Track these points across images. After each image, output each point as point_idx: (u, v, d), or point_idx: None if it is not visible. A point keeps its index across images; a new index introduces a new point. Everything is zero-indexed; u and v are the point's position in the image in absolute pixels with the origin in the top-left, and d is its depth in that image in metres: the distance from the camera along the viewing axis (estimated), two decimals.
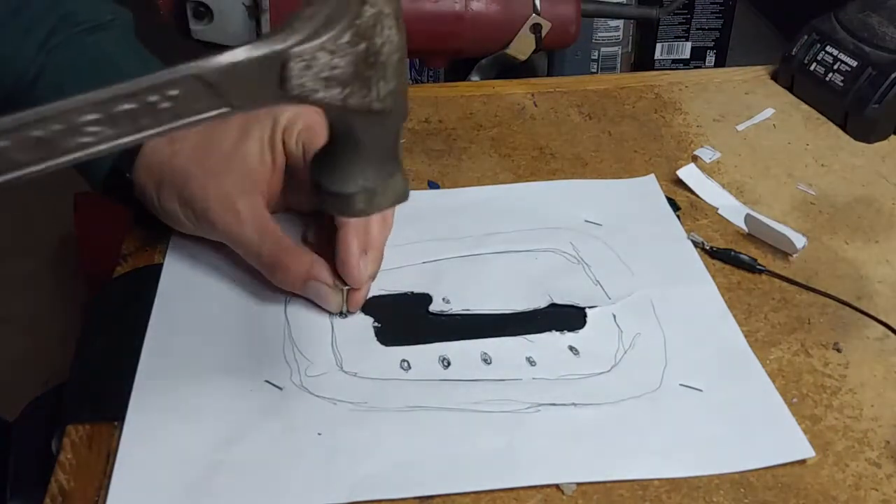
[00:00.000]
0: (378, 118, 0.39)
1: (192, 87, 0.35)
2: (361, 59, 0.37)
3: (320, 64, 0.36)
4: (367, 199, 0.43)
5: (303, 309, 0.57)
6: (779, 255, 0.63)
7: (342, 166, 0.42)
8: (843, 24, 0.79)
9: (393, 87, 0.39)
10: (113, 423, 0.50)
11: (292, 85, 0.36)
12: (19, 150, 0.32)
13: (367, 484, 0.46)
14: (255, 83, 0.36)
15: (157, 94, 0.34)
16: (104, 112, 0.34)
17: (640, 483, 0.47)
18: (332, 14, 0.36)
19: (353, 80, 0.37)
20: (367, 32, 0.37)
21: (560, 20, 0.80)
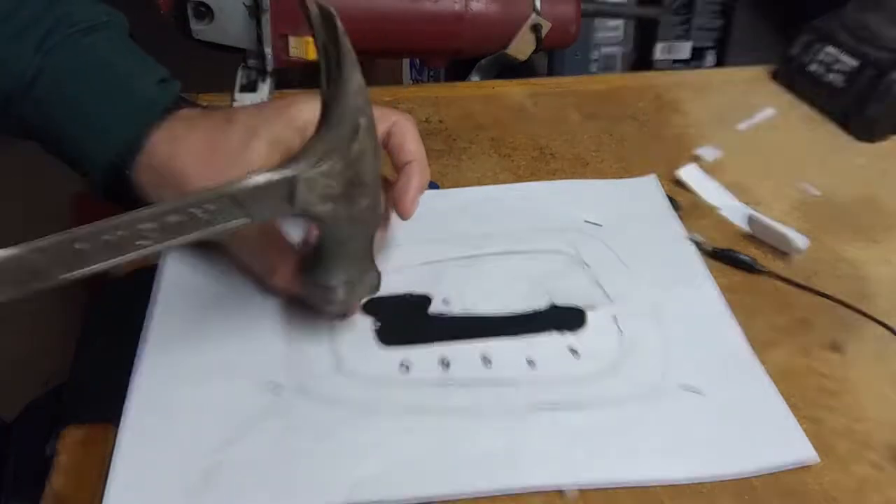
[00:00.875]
0: (358, 225, 0.50)
1: (225, 203, 0.44)
2: (349, 182, 0.47)
3: (320, 186, 0.47)
4: (349, 289, 0.52)
5: (302, 309, 0.56)
6: (779, 256, 0.63)
7: (329, 265, 0.51)
8: (844, 24, 0.79)
9: (370, 203, 0.49)
10: (110, 425, 0.50)
11: (298, 200, 0.46)
12: (94, 251, 0.41)
13: (366, 485, 0.46)
14: (272, 200, 0.46)
15: (199, 208, 0.43)
16: (158, 222, 0.42)
17: (643, 489, 0.47)
18: (329, 149, 0.46)
19: (342, 197, 0.48)
20: (354, 163, 0.47)
21: (560, 20, 0.79)
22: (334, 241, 0.50)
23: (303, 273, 0.53)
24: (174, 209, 0.43)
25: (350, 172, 0.47)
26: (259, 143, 0.55)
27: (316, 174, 0.46)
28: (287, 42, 0.71)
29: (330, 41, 0.45)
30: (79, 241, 0.40)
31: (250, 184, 0.44)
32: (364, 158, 0.47)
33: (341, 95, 0.46)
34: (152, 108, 0.57)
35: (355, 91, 0.46)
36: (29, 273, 0.40)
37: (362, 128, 0.47)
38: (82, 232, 0.40)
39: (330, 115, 0.47)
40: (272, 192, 0.45)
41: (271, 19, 0.70)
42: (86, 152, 0.58)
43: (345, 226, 0.49)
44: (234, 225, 0.45)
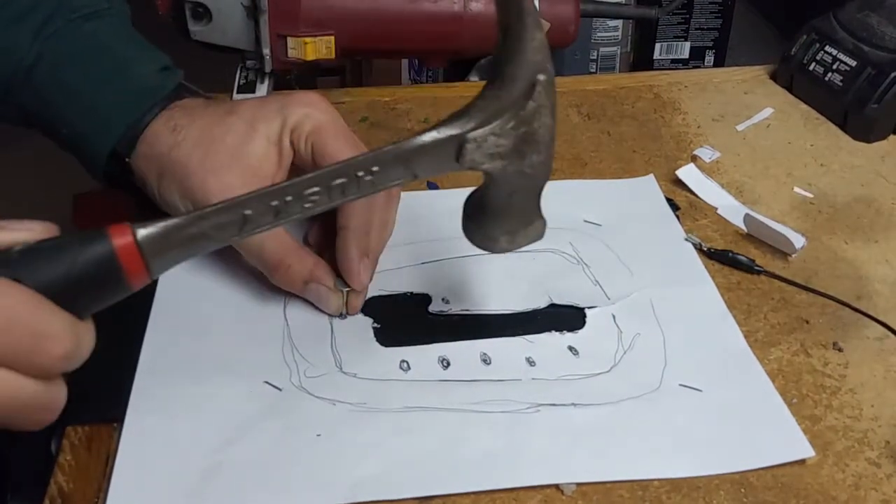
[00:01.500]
0: (527, 179, 0.48)
1: (391, 164, 0.44)
2: (521, 139, 0.46)
3: (489, 144, 0.45)
4: (510, 239, 0.50)
5: (302, 309, 0.57)
6: (778, 255, 0.63)
7: (493, 214, 0.50)
8: (843, 24, 0.79)
9: (543, 158, 0.47)
10: (112, 425, 0.50)
11: (466, 160, 0.45)
12: (259, 215, 0.42)
13: (366, 484, 0.46)
14: (438, 158, 0.45)
15: (364, 170, 0.43)
16: (324, 185, 0.43)
17: (640, 483, 0.47)
18: (502, 107, 0.45)
19: (512, 154, 0.46)
20: (528, 120, 0.45)
21: (559, 20, 0.80)
22: (501, 193, 0.48)
23: (465, 214, 0.51)
24: (339, 172, 0.43)
25: (523, 129, 0.45)
26: (257, 140, 0.55)
27: (485, 133, 0.45)
28: (285, 43, 0.71)
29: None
30: (247, 207, 0.41)
31: (416, 143, 0.44)
32: (540, 116, 0.46)
33: (520, 51, 0.44)
34: (153, 94, 0.57)
35: (535, 47, 0.44)
36: (195, 238, 0.41)
37: (540, 83, 0.45)
38: (250, 198, 0.41)
39: (504, 72, 0.45)
40: (438, 151, 0.45)
41: (269, 20, 0.70)
42: (87, 139, 0.57)
43: (513, 180, 0.47)
44: (398, 183, 0.45)
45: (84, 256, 0.37)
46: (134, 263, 0.39)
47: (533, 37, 0.44)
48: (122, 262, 0.38)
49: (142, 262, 0.39)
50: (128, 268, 0.38)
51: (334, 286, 0.55)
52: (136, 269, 0.39)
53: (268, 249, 0.55)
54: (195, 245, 0.41)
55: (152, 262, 0.39)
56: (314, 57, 0.72)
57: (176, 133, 0.56)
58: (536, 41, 0.44)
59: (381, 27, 0.74)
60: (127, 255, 0.38)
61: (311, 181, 0.43)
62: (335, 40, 0.72)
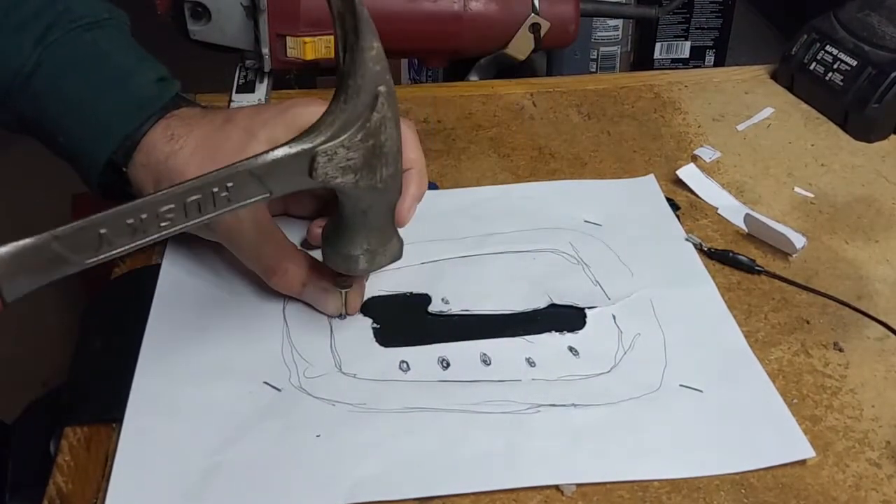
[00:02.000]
0: (379, 194, 0.50)
1: (245, 180, 0.45)
2: (370, 152, 0.47)
3: (339, 157, 0.47)
4: (370, 258, 0.52)
5: (301, 310, 0.57)
6: (779, 255, 0.63)
7: (349, 233, 0.51)
8: (843, 24, 0.79)
9: (392, 171, 0.49)
10: (111, 425, 0.50)
11: (318, 174, 0.46)
12: (116, 234, 0.42)
13: (366, 485, 0.46)
14: (291, 173, 0.46)
15: (218, 186, 0.44)
16: (178, 202, 0.43)
17: (640, 484, 0.47)
18: (349, 119, 0.46)
19: (363, 167, 0.48)
20: (375, 132, 0.47)
21: (559, 20, 0.79)
22: (355, 211, 0.50)
23: (324, 242, 0.53)
24: (193, 188, 0.43)
25: (371, 142, 0.47)
26: (257, 145, 0.55)
27: (335, 146, 0.46)
28: (284, 42, 0.71)
29: (346, 9, 0.45)
30: (101, 226, 0.41)
31: (268, 158, 0.45)
32: (385, 128, 0.47)
33: (359, 63, 0.45)
34: (150, 105, 0.57)
35: (373, 58, 0.45)
36: (51, 260, 0.40)
37: (382, 95, 0.46)
38: (104, 216, 0.41)
39: (347, 84, 0.46)
40: (291, 166, 0.45)
41: (268, 20, 0.70)
42: (84, 147, 0.58)
43: (366, 196, 0.49)
44: (255, 201, 0.45)
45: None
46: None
47: (371, 47, 0.45)
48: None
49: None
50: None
51: (332, 288, 0.55)
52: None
53: (264, 254, 0.55)
54: (51, 267, 0.40)
55: (5, 285, 0.39)
56: (313, 56, 0.72)
57: (173, 142, 0.56)
58: (374, 51, 0.45)
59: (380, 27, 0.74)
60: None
61: (165, 198, 0.43)
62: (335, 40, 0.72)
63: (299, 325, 0.56)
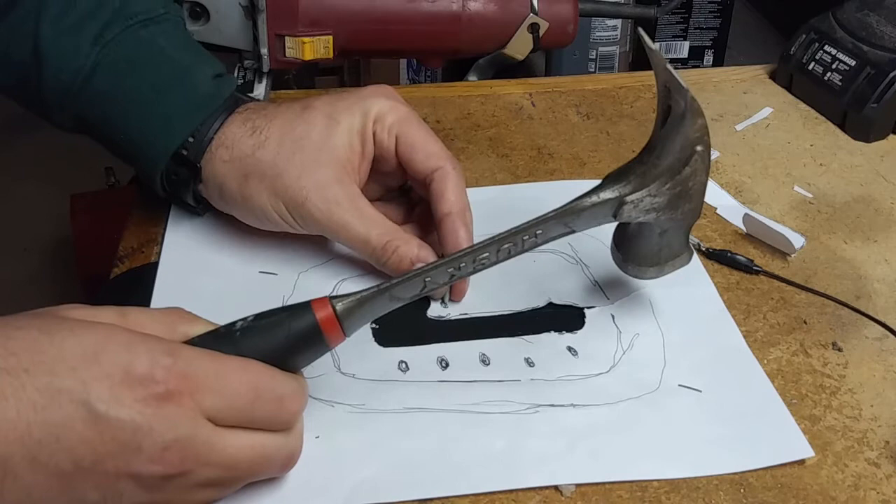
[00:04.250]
0: (678, 223, 0.52)
1: (554, 225, 0.50)
2: (675, 196, 0.50)
3: (645, 203, 0.50)
4: (658, 270, 0.55)
5: None
6: (777, 255, 0.63)
7: (645, 250, 0.53)
8: (842, 24, 0.79)
9: (694, 206, 0.52)
10: None
11: (623, 216, 0.50)
12: (436, 279, 0.48)
13: (365, 486, 0.46)
14: (596, 217, 0.50)
15: (528, 234, 0.49)
16: (493, 251, 0.49)
17: (640, 484, 0.47)
18: (659, 173, 0.50)
19: (666, 208, 0.51)
20: (684, 182, 0.50)
21: (558, 20, 0.79)
22: (653, 235, 0.52)
23: (614, 246, 0.55)
24: (509, 236, 0.49)
25: (678, 189, 0.50)
26: (341, 132, 0.56)
27: (642, 195, 0.49)
28: (283, 42, 0.71)
29: (674, 86, 0.49)
30: (428, 275, 0.48)
31: (579, 207, 0.49)
32: (695, 177, 0.50)
33: (682, 132, 0.49)
34: (211, 102, 0.57)
35: (696, 128, 0.49)
36: (386, 303, 0.47)
37: (698, 153, 0.49)
38: (432, 268, 0.48)
39: (664, 146, 0.50)
40: (598, 212, 0.50)
41: (267, 20, 0.70)
42: (145, 147, 0.57)
43: (665, 224, 0.52)
44: (556, 237, 0.50)
45: (293, 329, 0.44)
46: (333, 330, 0.45)
47: (694, 122, 0.49)
48: (324, 331, 0.45)
49: (339, 327, 0.45)
50: (328, 334, 0.45)
51: None
52: (335, 333, 0.45)
53: (373, 238, 0.56)
54: (382, 308, 0.47)
55: (347, 326, 0.45)
56: (312, 57, 0.72)
57: (257, 134, 0.56)
58: (698, 125, 0.49)
59: (379, 27, 0.74)
60: (328, 324, 0.45)
61: (484, 248, 0.49)
62: (333, 40, 0.72)
63: None
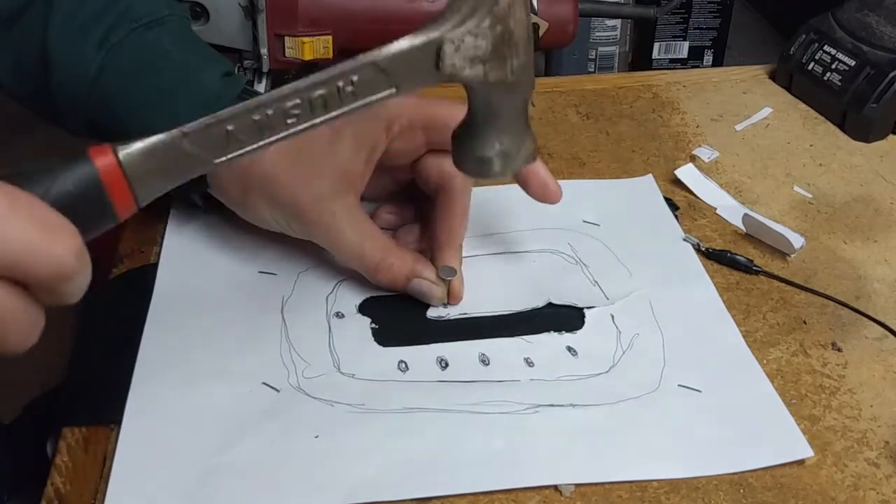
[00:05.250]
0: (511, 88, 0.47)
1: (370, 73, 0.43)
2: (499, 40, 0.45)
3: (467, 46, 0.44)
4: (504, 161, 0.49)
5: (300, 310, 0.57)
6: (777, 255, 0.63)
7: (482, 134, 0.48)
8: (841, 24, 0.79)
9: (523, 62, 0.46)
10: (109, 426, 0.50)
11: (445, 65, 0.44)
12: (243, 132, 0.41)
13: (365, 486, 0.46)
14: (417, 66, 0.44)
15: (343, 80, 0.42)
16: (304, 97, 0.42)
17: (639, 484, 0.47)
18: (475, 3, 0.44)
19: (492, 57, 0.45)
20: (503, 17, 0.44)
21: (557, 20, 0.79)
22: (486, 108, 0.48)
23: (454, 145, 0.50)
24: (318, 83, 0.42)
25: (499, 28, 0.44)
26: (345, 142, 0.55)
27: (462, 33, 0.44)
28: (283, 42, 0.71)
29: None
30: (228, 122, 0.40)
31: (394, 49, 0.43)
32: (514, 12, 0.45)
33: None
34: (218, 103, 0.56)
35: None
36: (182, 159, 0.40)
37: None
38: (230, 112, 0.40)
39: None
40: (417, 57, 0.44)
41: (267, 20, 0.70)
42: None
43: (497, 90, 0.46)
44: (381, 97, 0.44)
45: (65, 177, 0.37)
46: (118, 185, 0.38)
47: None
48: (105, 183, 0.37)
49: (126, 183, 0.38)
50: (112, 190, 0.38)
51: (436, 278, 0.56)
52: (121, 192, 0.38)
53: (367, 252, 0.56)
54: (182, 167, 0.40)
55: (137, 186, 0.39)
56: (312, 57, 0.72)
57: None
58: None
59: (378, 27, 0.74)
60: (110, 174, 0.37)
61: (289, 92, 0.42)
62: (333, 40, 0.72)
63: (298, 325, 0.56)
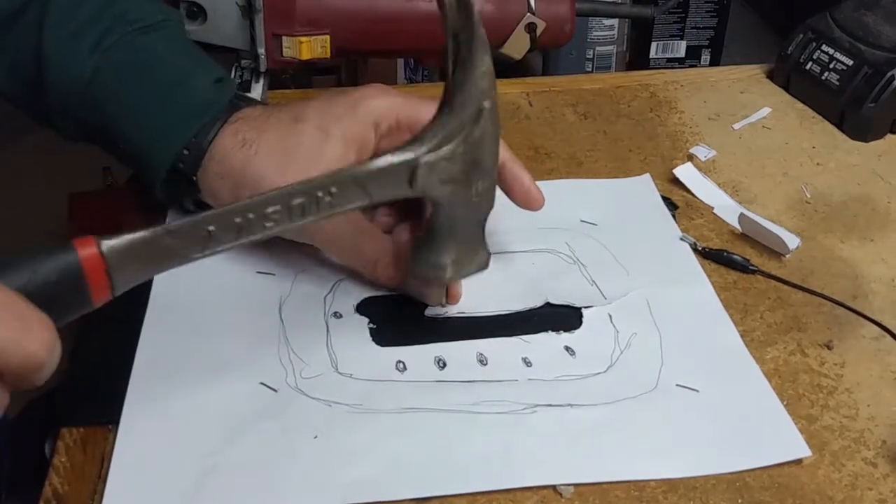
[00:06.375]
0: (473, 208, 0.51)
1: (348, 186, 0.46)
2: (469, 165, 0.48)
3: (440, 169, 0.47)
4: (456, 268, 0.52)
5: (298, 310, 0.57)
6: (774, 254, 0.63)
7: (438, 243, 0.51)
8: (839, 23, 0.79)
9: (487, 185, 0.50)
10: (107, 427, 0.50)
11: (418, 184, 0.47)
12: (223, 232, 0.43)
13: (363, 486, 0.46)
14: (392, 182, 0.47)
15: (323, 190, 0.45)
16: (284, 204, 0.44)
17: (637, 484, 0.47)
18: (452, 131, 0.47)
19: (461, 180, 0.48)
20: (476, 145, 0.48)
21: (555, 19, 0.79)
22: (447, 222, 0.51)
23: (414, 249, 0.53)
24: (299, 192, 0.44)
25: (471, 155, 0.48)
26: (333, 143, 0.55)
27: (437, 158, 0.47)
28: (280, 42, 0.71)
29: (463, 25, 0.46)
30: (211, 223, 0.42)
31: (373, 167, 0.46)
32: (485, 142, 0.48)
33: (468, 79, 0.46)
34: (209, 108, 0.57)
35: (482, 74, 0.47)
36: (161, 254, 0.42)
37: (486, 110, 0.47)
38: (214, 214, 0.43)
39: (454, 98, 0.47)
40: (393, 175, 0.47)
41: (264, 20, 0.70)
42: (146, 155, 0.57)
43: (460, 208, 0.50)
44: (355, 206, 0.46)
45: (48, 265, 0.38)
46: (97, 276, 0.39)
47: (482, 63, 0.46)
48: (86, 273, 0.38)
49: (105, 274, 0.39)
50: (91, 280, 0.39)
51: None
52: (99, 281, 0.39)
53: (366, 251, 0.56)
54: (160, 261, 0.42)
55: (116, 277, 0.40)
56: (309, 56, 0.72)
57: (246, 148, 0.55)
58: (484, 67, 0.46)
59: (376, 26, 0.74)
60: (91, 265, 0.38)
61: (271, 199, 0.44)
62: (330, 40, 0.72)
63: (295, 325, 0.56)
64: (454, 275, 0.52)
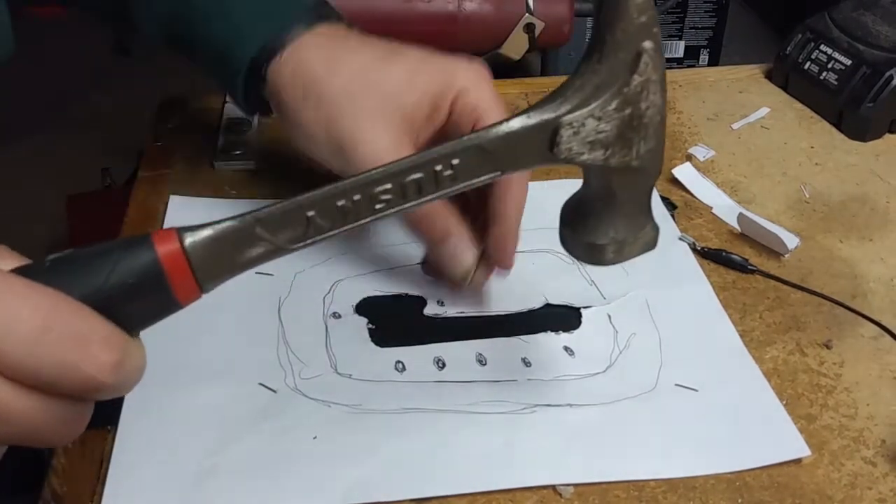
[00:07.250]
0: (634, 175, 0.41)
1: (473, 156, 0.38)
2: (626, 123, 0.39)
3: (587, 129, 0.39)
4: (617, 249, 0.44)
5: (296, 311, 0.56)
6: (773, 254, 0.63)
7: (596, 219, 0.44)
8: (837, 23, 0.79)
9: (652, 146, 0.41)
10: (106, 428, 0.49)
11: (561, 149, 0.39)
12: (325, 218, 0.37)
13: (362, 486, 0.46)
14: (527, 148, 0.39)
15: (442, 164, 0.38)
16: (396, 182, 0.37)
17: (636, 484, 0.47)
18: (602, 83, 0.39)
19: (616, 141, 0.40)
20: (634, 99, 0.39)
21: (553, 19, 0.80)
22: (604, 193, 0.43)
23: (563, 224, 0.46)
24: (414, 166, 0.38)
25: (628, 111, 0.39)
26: (416, 91, 0.54)
27: (583, 115, 0.39)
28: None
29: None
30: (310, 208, 0.36)
31: (502, 130, 0.38)
32: (648, 93, 0.39)
33: (621, 14, 0.38)
34: (294, 4, 0.56)
35: (639, 7, 0.38)
36: (254, 245, 0.36)
37: (647, 53, 0.38)
38: (312, 197, 0.36)
39: (604, 40, 0.38)
40: (529, 140, 0.39)
41: None
42: (230, 45, 0.56)
43: (618, 175, 0.41)
44: (483, 180, 0.39)
45: (122, 266, 0.33)
46: (181, 274, 0.34)
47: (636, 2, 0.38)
48: (167, 273, 0.34)
49: (190, 272, 0.35)
50: (174, 280, 0.34)
51: (472, 246, 0.54)
52: (184, 280, 0.35)
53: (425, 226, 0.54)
54: (251, 254, 0.36)
55: (202, 273, 0.35)
56: None
57: (330, 63, 0.54)
58: (639, 1, 0.38)
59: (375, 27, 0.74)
60: (173, 264, 0.34)
61: (380, 177, 0.37)
62: None
63: (294, 325, 0.56)
64: (616, 257, 0.44)
